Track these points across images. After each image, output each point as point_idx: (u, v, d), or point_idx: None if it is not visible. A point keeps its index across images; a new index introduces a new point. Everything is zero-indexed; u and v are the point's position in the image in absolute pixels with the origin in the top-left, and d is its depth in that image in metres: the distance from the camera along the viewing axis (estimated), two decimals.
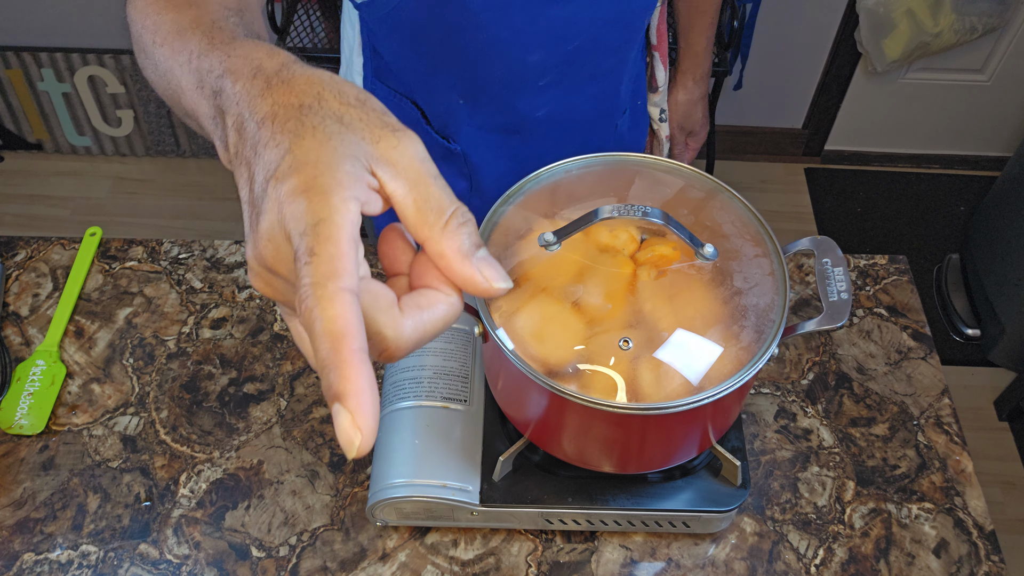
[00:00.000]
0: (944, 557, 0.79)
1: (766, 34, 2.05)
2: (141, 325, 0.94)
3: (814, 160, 2.39)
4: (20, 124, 2.28)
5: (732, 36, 1.77)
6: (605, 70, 0.96)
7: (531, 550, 0.79)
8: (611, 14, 0.89)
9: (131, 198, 2.29)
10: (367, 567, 0.78)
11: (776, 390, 0.89)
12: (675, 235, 0.64)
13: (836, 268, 0.67)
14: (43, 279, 0.98)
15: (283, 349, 0.92)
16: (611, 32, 0.92)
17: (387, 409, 0.78)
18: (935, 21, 1.92)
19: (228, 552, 0.79)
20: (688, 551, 0.79)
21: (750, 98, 2.22)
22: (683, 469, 0.76)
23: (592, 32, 0.90)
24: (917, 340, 0.93)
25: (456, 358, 0.80)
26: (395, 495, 0.73)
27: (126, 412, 0.88)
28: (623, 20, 0.92)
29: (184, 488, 0.83)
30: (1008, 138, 2.32)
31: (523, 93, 0.94)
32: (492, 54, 0.88)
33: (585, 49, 0.91)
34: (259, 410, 0.87)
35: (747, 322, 0.64)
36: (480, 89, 0.94)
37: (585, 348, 0.63)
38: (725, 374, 0.62)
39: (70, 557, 0.79)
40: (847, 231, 2.24)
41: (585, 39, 0.90)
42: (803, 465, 0.84)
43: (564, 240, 0.65)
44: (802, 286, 0.98)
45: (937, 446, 0.86)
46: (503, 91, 0.94)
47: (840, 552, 0.79)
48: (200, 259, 0.99)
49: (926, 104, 2.24)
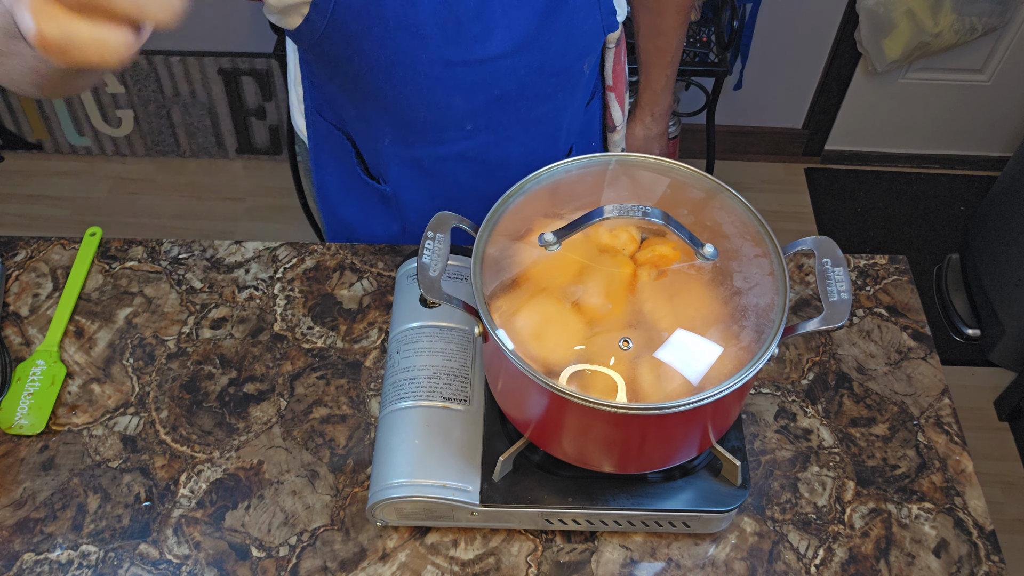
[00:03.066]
0: (944, 557, 0.79)
1: (766, 34, 2.05)
2: (141, 325, 0.94)
3: (814, 160, 2.39)
4: (20, 124, 2.28)
5: (732, 36, 1.77)
6: (538, 117, 0.94)
7: (531, 550, 0.79)
8: (536, 63, 0.87)
9: (131, 198, 2.29)
10: (367, 567, 0.78)
11: (776, 390, 0.89)
12: (675, 235, 0.64)
13: (836, 268, 0.67)
14: (43, 279, 0.98)
15: (283, 349, 0.92)
16: (540, 80, 0.90)
17: (387, 409, 0.78)
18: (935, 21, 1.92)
19: (228, 552, 0.79)
20: (688, 551, 0.79)
21: (750, 98, 2.22)
22: (683, 469, 0.76)
23: (518, 80, 0.88)
24: (917, 340, 0.93)
25: (456, 358, 0.79)
26: (395, 495, 0.73)
27: (126, 412, 0.88)
28: (551, 69, 0.90)
29: (184, 488, 0.83)
30: (1008, 138, 2.32)
31: (449, 136, 0.93)
32: (412, 96, 0.88)
33: (511, 96, 0.90)
34: (259, 410, 0.87)
35: (747, 322, 0.64)
36: (406, 129, 0.93)
37: (585, 348, 0.63)
38: (725, 374, 0.62)
39: (70, 557, 0.79)
40: (847, 231, 2.24)
41: (510, 86, 0.88)
42: (803, 465, 0.84)
43: (564, 240, 0.65)
44: (802, 286, 0.98)
45: (937, 446, 0.86)
46: (428, 131, 0.93)
47: (840, 552, 0.79)
48: (200, 259, 0.99)
49: (926, 104, 2.24)
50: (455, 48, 0.83)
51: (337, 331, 0.93)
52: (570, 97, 0.96)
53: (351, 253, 1.00)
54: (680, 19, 1.04)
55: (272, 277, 0.98)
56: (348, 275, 0.98)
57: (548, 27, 0.85)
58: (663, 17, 1.02)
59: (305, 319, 0.94)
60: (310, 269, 0.98)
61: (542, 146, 0.98)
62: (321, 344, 0.92)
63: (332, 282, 0.97)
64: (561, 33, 0.86)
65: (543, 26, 0.84)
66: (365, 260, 0.99)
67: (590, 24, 0.89)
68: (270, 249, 1.00)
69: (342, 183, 1.06)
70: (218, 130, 2.27)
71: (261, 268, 0.98)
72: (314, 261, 0.99)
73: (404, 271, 0.88)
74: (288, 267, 0.99)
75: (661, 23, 1.03)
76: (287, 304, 0.95)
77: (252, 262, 0.99)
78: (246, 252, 1.00)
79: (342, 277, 0.98)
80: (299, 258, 0.99)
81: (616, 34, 0.97)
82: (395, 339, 0.82)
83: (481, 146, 0.95)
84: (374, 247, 1.00)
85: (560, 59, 0.89)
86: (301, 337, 0.93)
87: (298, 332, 0.93)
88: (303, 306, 0.95)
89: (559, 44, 0.87)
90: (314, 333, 0.93)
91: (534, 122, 0.94)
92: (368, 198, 1.05)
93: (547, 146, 0.99)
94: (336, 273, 0.98)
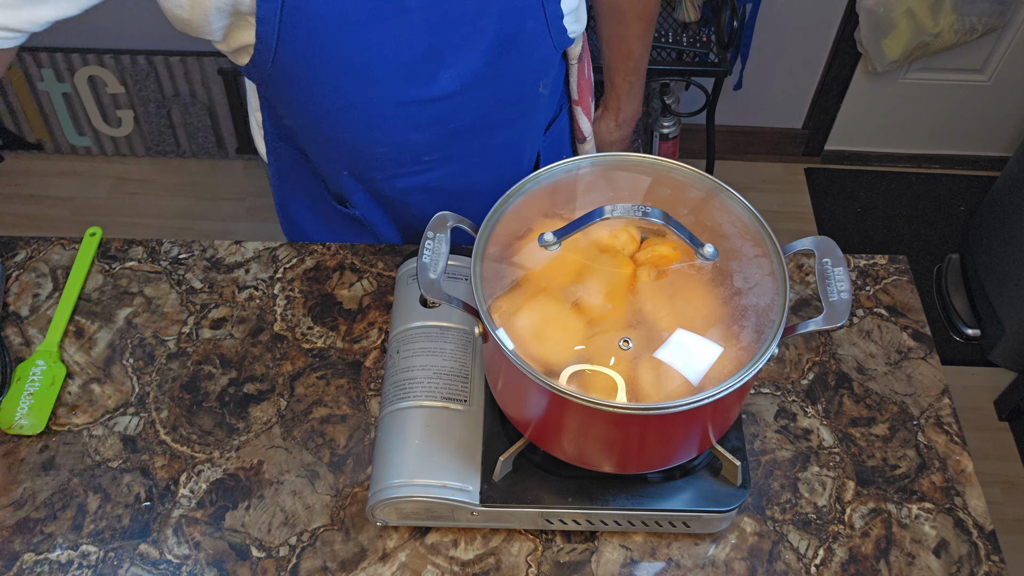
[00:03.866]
0: (944, 557, 0.79)
1: (766, 34, 2.05)
2: (141, 325, 0.94)
3: (814, 160, 2.39)
4: (20, 124, 2.28)
5: (732, 36, 1.77)
6: (499, 144, 0.94)
7: (531, 550, 0.79)
8: (492, 95, 0.87)
9: (131, 198, 2.29)
10: (367, 567, 0.78)
11: (776, 390, 0.89)
12: (675, 235, 0.64)
13: (836, 268, 0.67)
14: (43, 279, 0.98)
15: (283, 349, 0.92)
16: (497, 110, 0.89)
17: (387, 409, 0.78)
18: (935, 21, 1.92)
19: (228, 552, 0.79)
20: (688, 551, 0.79)
21: (750, 98, 2.22)
22: (683, 469, 0.76)
23: (475, 112, 0.88)
24: (917, 340, 0.93)
25: (456, 358, 0.79)
26: (395, 495, 0.73)
27: (126, 412, 0.88)
28: (508, 98, 0.89)
29: (184, 488, 0.83)
30: (1008, 138, 2.32)
31: (408, 170, 0.93)
32: (368, 135, 0.87)
33: (470, 128, 0.89)
34: (259, 410, 0.87)
35: (747, 322, 0.64)
36: (364, 165, 0.93)
37: (585, 348, 0.63)
38: (725, 374, 0.62)
39: (70, 557, 0.79)
40: (847, 231, 2.24)
41: (468, 119, 0.88)
42: (803, 465, 0.84)
43: (564, 240, 0.65)
44: (802, 286, 0.98)
45: (937, 446, 0.86)
46: (387, 166, 0.93)
47: (840, 552, 0.79)
48: (200, 259, 0.99)
49: (926, 104, 2.24)
50: (408, 88, 0.83)
51: (337, 331, 0.93)
52: (531, 120, 0.95)
53: (351, 253, 1.00)
54: (643, 27, 1.02)
55: (272, 277, 0.98)
56: (348, 275, 0.98)
57: (500, 61, 0.84)
58: (625, 25, 1.01)
59: (305, 319, 0.94)
60: (310, 269, 0.98)
61: (508, 170, 0.97)
62: (321, 344, 0.92)
63: (332, 282, 0.97)
64: (514, 64, 0.85)
65: (494, 61, 0.83)
66: (365, 260, 0.99)
67: (543, 50, 0.87)
68: (270, 249, 1.00)
69: (309, 207, 1.06)
70: (218, 130, 2.27)
71: (261, 268, 0.98)
72: (314, 261, 0.99)
73: (404, 271, 0.88)
74: (288, 267, 0.99)
75: (623, 31, 1.01)
76: (287, 304, 0.95)
77: (252, 262, 0.99)
78: (246, 252, 1.00)
79: (342, 277, 0.98)
80: (299, 258, 0.99)
81: (577, 49, 0.96)
82: (395, 339, 0.82)
83: (444, 177, 0.94)
84: (374, 247, 1.00)
85: (516, 88, 0.89)
86: (301, 337, 0.93)
87: (298, 332, 0.93)
88: (303, 306, 0.95)
89: (513, 74, 0.86)
90: (314, 333, 0.93)
91: (496, 149, 0.94)
92: (337, 220, 1.05)
93: (512, 168, 0.98)
94: (336, 273, 0.98)
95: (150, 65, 2.14)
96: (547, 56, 0.89)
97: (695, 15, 1.86)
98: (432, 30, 0.79)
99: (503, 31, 0.82)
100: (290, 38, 0.77)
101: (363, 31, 0.77)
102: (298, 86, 0.83)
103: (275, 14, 0.75)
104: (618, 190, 0.73)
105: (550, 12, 0.84)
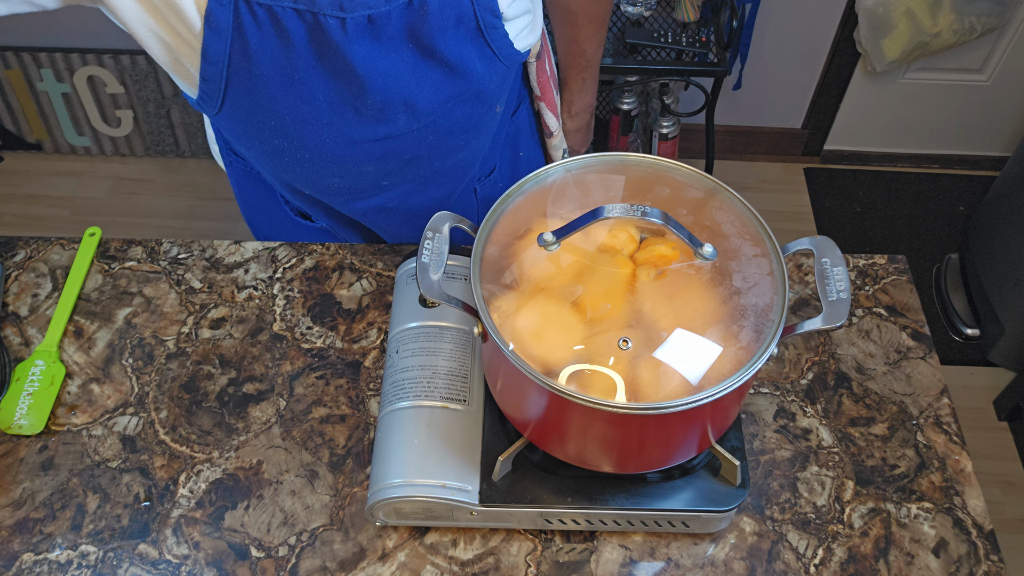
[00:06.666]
0: (943, 557, 0.79)
1: (765, 34, 2.05)
2: (140, 325, 0.94)
3: (813, 160, 2.39)
4: (20, 124, 2.28)
5: (731, 36, 1.77)
6: (453, 165, 0.94)
7: (531, 550, 0.79)
8: (445, 127, 0.87)
9: (130, 198, 2.29)
10: (367, 567, 0.78)
11: (775, 390, 0.89)
12: (674, 235, 0.64)
13: (835, 268, 0.67)
14: (42, 279, 0.98)
15: (283, 349, 0.92)
16: (451, 139, 0.89)
17: (387, 409, 0.78)
18: (934, 21, 1.92)
19: (227, 552, 0.79)
20: (687, 551, 0.79)
21: (750, 98, 2.22)
22: (682, 469, 0.76)
23: (428, 144, 0.88)
24: (916, 340, 0.94)
25: (456, 358, 0.79)
26: (394, 495, 0.73)
27: (125, 412, 0.88)
28: (461, 127, 0.89)
29: (183, 488, 0.83)
30: (1008, 138, 2.32)
31: (364, 194, 0.94)
32: (322, 169, 0.88)
33: (424, 156, 0.89)
34: (258, 410, 0.87)
35: (746, 322, 0.64)
36: (320, 192, 0.94)
37: (584, 348, 0.63)
38: (724, 374, 0.62)
39: (69, 557, 0.79)
40: (847, 231, 2.24)
41: (421, 150, 0.88)
42: (802, 465, 0.84)
43: (563, 240, 0.65)
44: (802, 286, 0.98)
45: (936, 446, 0.86)
46: (342, 193, 0.93)
47: (839, 552, 0.79)
48: (199, 259, 0.99)
49: (926, 104, 2.24)
50: (359, 130, 0.83)
51: (336, 331, 0.93)
52: (486, 137, 0.95)
53: (350, 253, 1.00)
54: (594, 29, 1.02)
55: (271, 277, 0.98)
56: (347, 275, 0.98)
57: (453, 97, 0.84)
58: (576, 28, 1.01)
59: (304, 319, 0.94)
60: (309, 269, 0.98)
61: (458, 183, 0.98)
62: (320, 344, 0.92)
63: (331, 282, 0.97)
64: (467, 98, 0.85)
65: (448, 98, 0.83)
66: (364, 260, 0.99)
67: (495, 79, 0.87)
68: (269, 249, 1.00)
69: (273, 222, 1.07)
70: None
71: (260, 268, 0.98)
72: (313, 261, 0.99)
73: (403, 271, 0.88)
74: (287, 267, 0.99)
75: (575, 33, 1.02)
76: (286, 304, 0.95)
77: (251, 262, 0.99)
78: (245, 252, 1.00)
79: (341, 277, 0.98)
80: (298, 258, 0.99)
81: (536, 48, 0.95)
82: (394, 339, 0.82)
83: (399, 197, 0.95)
84: (373, 247, 1.00)
85: (469, 118, 0.88)
86: (300, 337, 0.93)
87: (297, 332, 0.93)
88: (302, 306, 0.95)
89: (466, 107, 0.86)
90: (313, 333, 0.93)
91: (450, 170, 0.94)
92: (304, 233, 1.06)
93: (462, 184, 0.99)
94: (335, 273, 0.98)
95: (149, 65, 2.14)
96: (498, 83, 0.88)
97: (694, 15, 1.86)
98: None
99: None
100: (236, 91, 0.78)
101: (311, 87, 0.77)
102: (247, 131, 0.83)
103: (220, 73, 0.75)
104: (617, 190, 0.73)
105: (496, 42, 0.82)
